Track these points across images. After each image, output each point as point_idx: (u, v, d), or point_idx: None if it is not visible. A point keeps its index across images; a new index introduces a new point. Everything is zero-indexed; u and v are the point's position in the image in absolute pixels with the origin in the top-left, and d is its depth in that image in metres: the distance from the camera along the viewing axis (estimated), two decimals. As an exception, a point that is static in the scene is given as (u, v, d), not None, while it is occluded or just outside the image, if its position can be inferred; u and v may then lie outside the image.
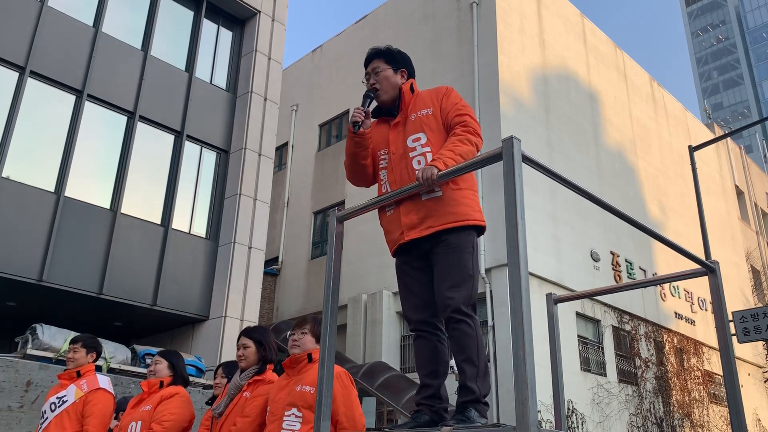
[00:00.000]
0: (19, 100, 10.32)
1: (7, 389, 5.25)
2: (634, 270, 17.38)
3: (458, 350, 2.61)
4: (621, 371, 16.05)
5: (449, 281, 2.68)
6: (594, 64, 19.28)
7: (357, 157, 3.04)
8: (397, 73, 3.07)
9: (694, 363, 18.93)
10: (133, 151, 11.54)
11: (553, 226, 15.12)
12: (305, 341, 3.39)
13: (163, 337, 12.65)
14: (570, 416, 13.75)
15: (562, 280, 14.69)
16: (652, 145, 21.00)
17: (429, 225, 2.75)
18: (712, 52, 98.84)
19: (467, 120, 2.86)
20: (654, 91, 22.48)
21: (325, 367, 2.64)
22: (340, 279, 2.82)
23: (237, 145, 12.89)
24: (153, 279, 11.26)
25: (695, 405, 18.18)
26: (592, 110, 18.43)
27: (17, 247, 9.76)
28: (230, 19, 13.93)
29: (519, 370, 2.01)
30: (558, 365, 3.60)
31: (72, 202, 10.58)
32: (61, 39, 11.02)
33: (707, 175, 23.43)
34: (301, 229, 19.30)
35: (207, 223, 12.42)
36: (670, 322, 18.40)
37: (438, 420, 2.63)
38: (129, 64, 11.85)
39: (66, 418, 4.25)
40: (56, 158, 10.67)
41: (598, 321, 15.89)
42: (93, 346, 4.62)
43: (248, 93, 13.17)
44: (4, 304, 11.22)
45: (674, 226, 20.32)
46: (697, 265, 3.28)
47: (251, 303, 12.05)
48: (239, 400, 3.64)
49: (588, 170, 17.21)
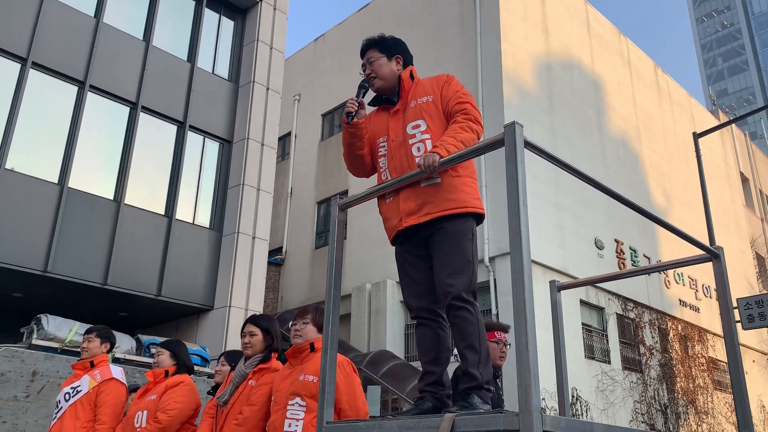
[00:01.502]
0: (22, 91, 10.32)
1: (13, 379, 5.29)
2: (638, 257, 17.36)
3: (460, 337, 2.61)
4: (625, 359, 16.07)
5: (449, 268, 2.67)
6: (598, 51, 19.17)
7: (353, 147, 3.05)
8: (391, 60, 3.07)
9: (699, 350, 18.94)
10: (136, 141, 11.54)
11: (557, 214, 15.10)
12: (307, 331, 3.40)
13: (168, 327, 12.71)
14: (574, 403, 13.79)
15: (566, 268, 14.68)
16: (656, 132, 20.91)
17: (427, 211, 2.74)
18: (717, 38, 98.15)
19: (468, 108, 2.85)
20: (658, 78, 22.35)
21: (328, 354, 2.65)
22: (342, 267, 2.82)
23: (240, 135, 12.88)
24: (157, 269, 11.29)
25: (699, 392, 18.21)
26: (596, 97, 18.35)
27: (22, 239, 9.80)
28: (231, 8, 13.88)
29: (521, 357, 2.01)
30: (561, 352, 3.61)
31: (76, 193, 10.60)
32: (63, 30, 10.99)
33: (712, 162, 23.33)
34: (304, 219, 19.31)
35: (210, 214, 12.43)
36: (675, 310, 18.39)
37: (441, 407, 2.64)
38: (131, 55, 11.83)
39: (80, 408, 4.30)
40: (59, 149, 10.67)
41: (602, 309, 15.88)
42: (107, 337, 4.68)
43: (250, 83, 13.14)
44: (10, 295, 11.28)
45: (678, 213, 20.26)
46: (701, 252, 3.28)
47: (255, 293, 12.08)
48: (244, 389, 3.64)
49: (592, 158, 17.15)
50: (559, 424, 2.04)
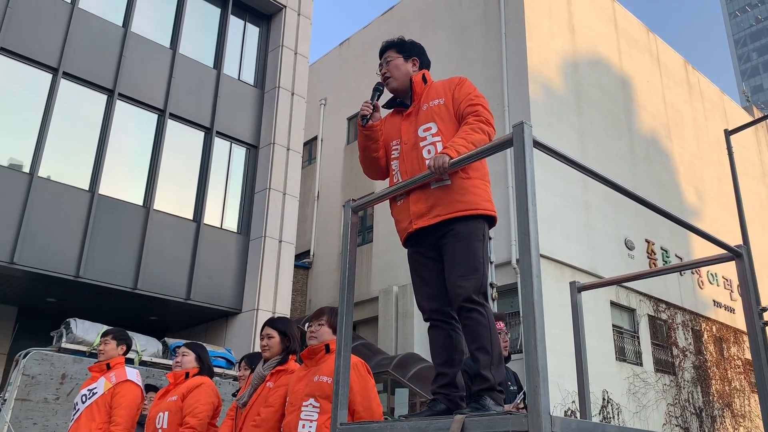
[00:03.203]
0: (53, 101, 10.57)
1: (43, 382, 5.43)
2: (669, 258, 17.05)
3: (471, 339, 2.60)
4: (657, 361, 15.79)
5: (459, 270, 2.67)
6: (626, 49, 18.90)
7: (368, 150, 3.09)
8: (408, 62, 3.11)
9: (735, 352, 18.51)
10: (164, 148, 11.73)
11: (585, 214, 14.91)
12: (322, 332, 3.42)
13: (197, 330, 12.87)
14: (606, 406, 13.59)
15: (595, 269, 14.49)
16: (687, 130, 20.53)
17: (437, 213, 2.74)
18: (750, 33, 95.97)
19: (479, 109, 2.85)
20: (689, 75, 21.95)
21: (341, 356, 2.66)
22: (355, 269, 2.83)
23: (266, 141, 13.00)
24: (186, 273, 11.45)
25: (736, 395, 17.79)
26: (625, 96, 18.09)
27: (55, 245, 10.03)
28: (256, 14, 14.03)
29: (530, 358, 2.00)
30: (583, 354, 3.56)
31: (106, 200, 10.82)
32: (92, 40, 11.24)
33: (746, 159, 22.81)
34: (331, 222, 19.39)
35: (238, 218, 12.57)
36: (709, 311, 18.01)
37: (454, 408, 2.63)
38: (158, 63, 12.03)
39: (96, 410, 4.37)
40: (90, 157, 10.90)
41: (633, 310, 15.64)
42: (123, 339, 4.74)
43: (276, 88, 13.26)
44: (45, 300, 11.55)
45: (711, 212, 19.85)
46: (725, 251, 3.21)
47: (283, 295, 12.18)
48: (262, 390, 3.69)
49: (621, 157, 16.91)
50: (569, 426, 2.02)
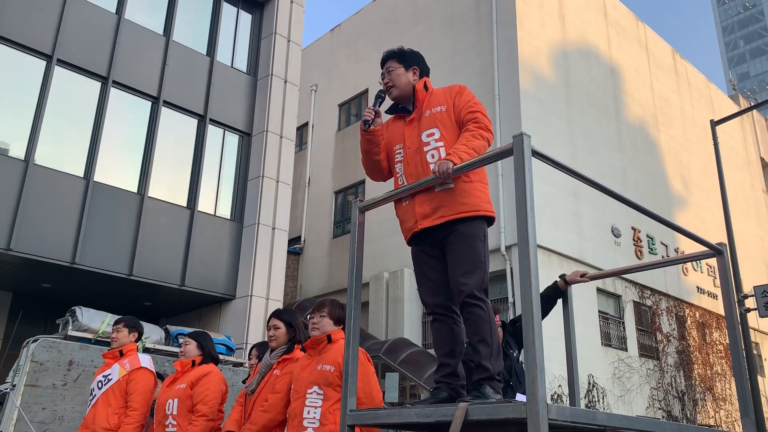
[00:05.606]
0: (48, 88, 10.61)
1: (51, 368, 5.60)
2: (655, 245, 17.38)
3: (473, 332, 2.82)
4: (642, 346, 16.16)
5: (462, 268, 2.88)
6: (615, 38, 19.09)
7: (370, 153, 3.28)
8: (408, 71, 3.28)
9: (717, 337, 18.95)
10: (158, 135, 11.81)
11: (574, 202, 15.16)
12: (324, 324, 3.62)
13: (191, 316, 13.03)
14: (591, 390, 13.94)
15: (583, 256, 14.77)
16: (674, 119, 20.80)
17: (441, 214, 2.95)
18: (738, 21, 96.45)
19: (479, 117, 3.05)
20: (676, 64, 22.19)
21: (350, 347, 2.85)
22: (362, 266, 3.01)
23: (259, 128, 13.10)
24: (181, 260, 11.59)
25: (717, 379, 18.25)
26: (613, 85, 18.30)
27: (51, 231, 10.13)
28: (249, 2, 14.05)
29: (529, 351, 2.20)
30: (572, 343, 3.78)
31: (101, 187, 10.90)
32: (86, 27, 11.25)
33: (731, 148, 23.16)
34: (322, 208, 19.54)
35: (231, 205, 12.69)
36: (693, 297, 18.41)
37: (455, 396, 2.84)
38: (152, 50, 12.07)
39: (111, 396, 4.58)
40: (85, 144, 10.97)
41: (619, 296, 15.97)
42: (134, 326, 4.93)
43: (269, 76, 13.33)
44: (40, 286, 11.66)
45: (697, 200, 20.20)
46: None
47: (276, 282, 12.34)
48: (270, 378, 3.89)
49: (609, 145, 17.15)
50: (563, 413, 2.22)
